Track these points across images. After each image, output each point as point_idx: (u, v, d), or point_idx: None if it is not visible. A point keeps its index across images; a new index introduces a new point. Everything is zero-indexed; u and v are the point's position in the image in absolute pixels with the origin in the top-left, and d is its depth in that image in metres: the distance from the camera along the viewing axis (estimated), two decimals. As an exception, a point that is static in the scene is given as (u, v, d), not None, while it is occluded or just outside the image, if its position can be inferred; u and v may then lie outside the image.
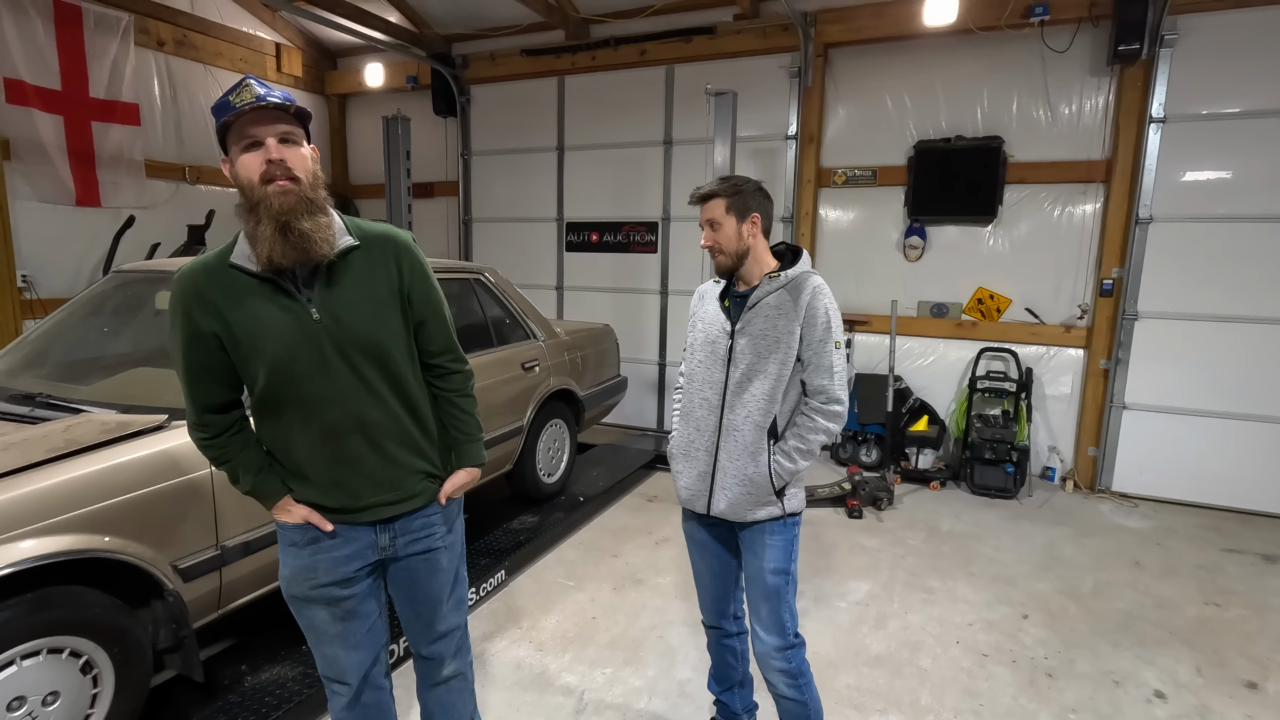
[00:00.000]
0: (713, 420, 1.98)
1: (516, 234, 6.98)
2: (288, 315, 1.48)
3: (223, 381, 1.55)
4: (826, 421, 1.90)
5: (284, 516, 1.63)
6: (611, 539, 4.08)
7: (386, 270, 1.58)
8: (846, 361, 1.93)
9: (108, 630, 1.95)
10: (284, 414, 1.55)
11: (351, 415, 1.56)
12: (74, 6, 5.27)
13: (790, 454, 1.91)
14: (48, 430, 2.07)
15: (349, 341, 1.52)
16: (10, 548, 1.78)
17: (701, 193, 1.99)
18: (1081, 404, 5.15)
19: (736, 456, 1.93)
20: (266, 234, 1.41)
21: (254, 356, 1.49)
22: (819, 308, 1.89)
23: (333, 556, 1.63)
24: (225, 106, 1.41)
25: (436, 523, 1.74)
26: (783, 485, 1.93)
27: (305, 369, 1.50)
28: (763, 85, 5.74)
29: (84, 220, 5.47)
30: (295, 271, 1.49)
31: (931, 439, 5.31)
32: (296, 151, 1.45)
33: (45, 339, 2.91)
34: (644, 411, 6.56)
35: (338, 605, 1.65)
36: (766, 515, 1.94)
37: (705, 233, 1.98)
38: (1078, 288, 5.11)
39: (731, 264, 1.96)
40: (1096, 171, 4.95)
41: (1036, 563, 3.87)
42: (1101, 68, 4.86)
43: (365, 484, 1.61)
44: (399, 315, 1.60)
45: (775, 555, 1.97)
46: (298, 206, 1.42)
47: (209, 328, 1.48)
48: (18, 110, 5.03)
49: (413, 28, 6.66)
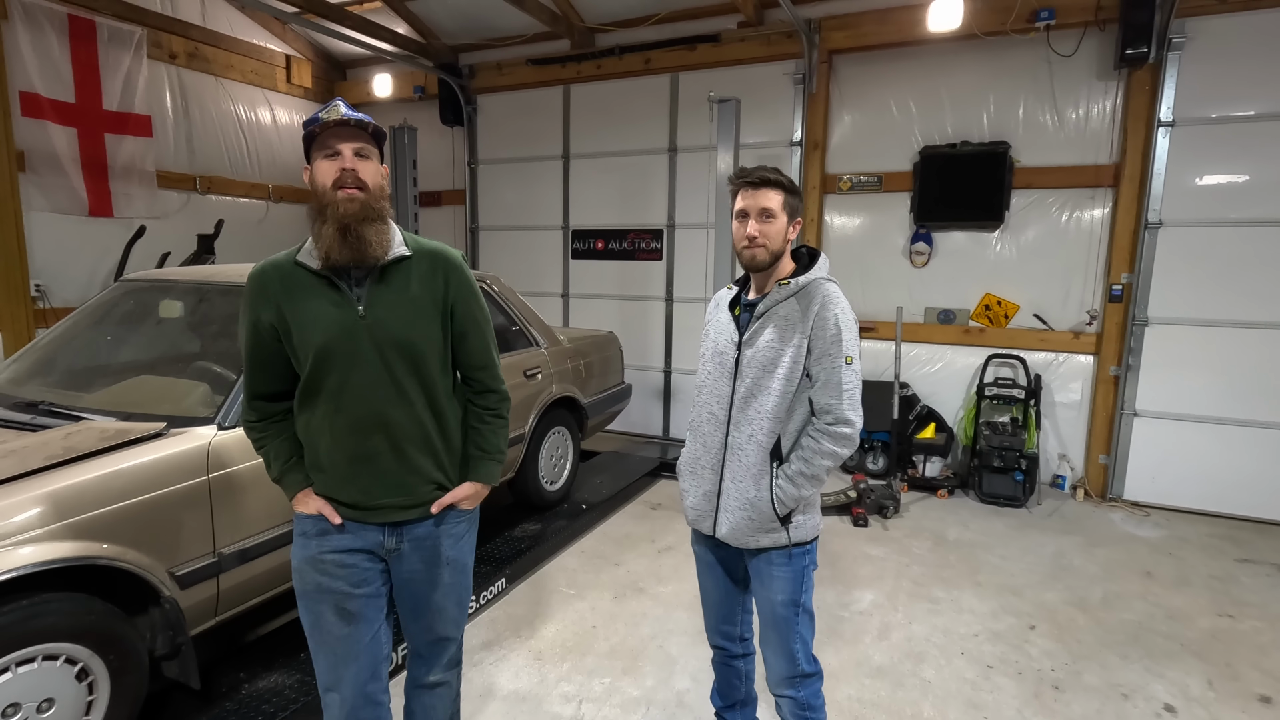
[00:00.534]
0: (719, 437, 1.88)
1: (522, 242, 7.01)
2: (337, 309, 1.61)
3: (274, 373, 1.70)
4: (834, 445, 1.76)
5: (301, 507, 1.72)
6: (614, 547, 4.06)
7: (433, 282, 1.69)
8: (860, 377, 1.81)
9: (104, 637, 1.95)
10: (319, 404, 1.65)
11: (376, 412, 1.64)
12: (88, 21, 5.37)
13: (793, 478, 1.78)
14: (47, 438, 2.09)
15: (387, 339, 1.63)
16: (8, 554, 1.79)
17: (763, 175, 1.81)
18: (1092, 411, 5.08)
19: (740, 478, 1.83)
20: (329, 234, 1.56)
21: (303, 345, 1.62)
22: (829, 318, 1.77)
23: (337, 550, 1.69)
24: (314, 120, 1.58)
25: (444, 534, 1.77)
26: (787, 512, 1.81)
27: (344, 360, 1.61)
28: (767, 92, 5.74)
29: (96, 230, 5.55)
30: (351, 272, 1.62)
31: (939, 447, 5.25)
32: (368, 165, 1.61)
33: (51, 347, 2.95)
34: (649, 419, 6.55)
35: (345, 606, 1.69)
36: (771, 543, 1.84)
37: (751, 223, 1.80)
38: (1087, 293, 5.05)
39: (769, 262, 1.82)
40: (1105, 176, 4.90)
41: (1044, 572, 3.81)
42: (1108, 71, 4.81)
43: (379, 483, 1.67)
44: (438, 325, 1.70)
45: (783, 587, 1.86)
46: (360, 213, 1.57)
47: (268, 320, 1.63)
48: (33, 123, 5.13)
49: (420, 39, 6.73)
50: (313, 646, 1.73)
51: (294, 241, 1.75)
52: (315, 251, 1.61)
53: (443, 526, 1.77)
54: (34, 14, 5.06)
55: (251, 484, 2.37)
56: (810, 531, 1.88)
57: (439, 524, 1.76)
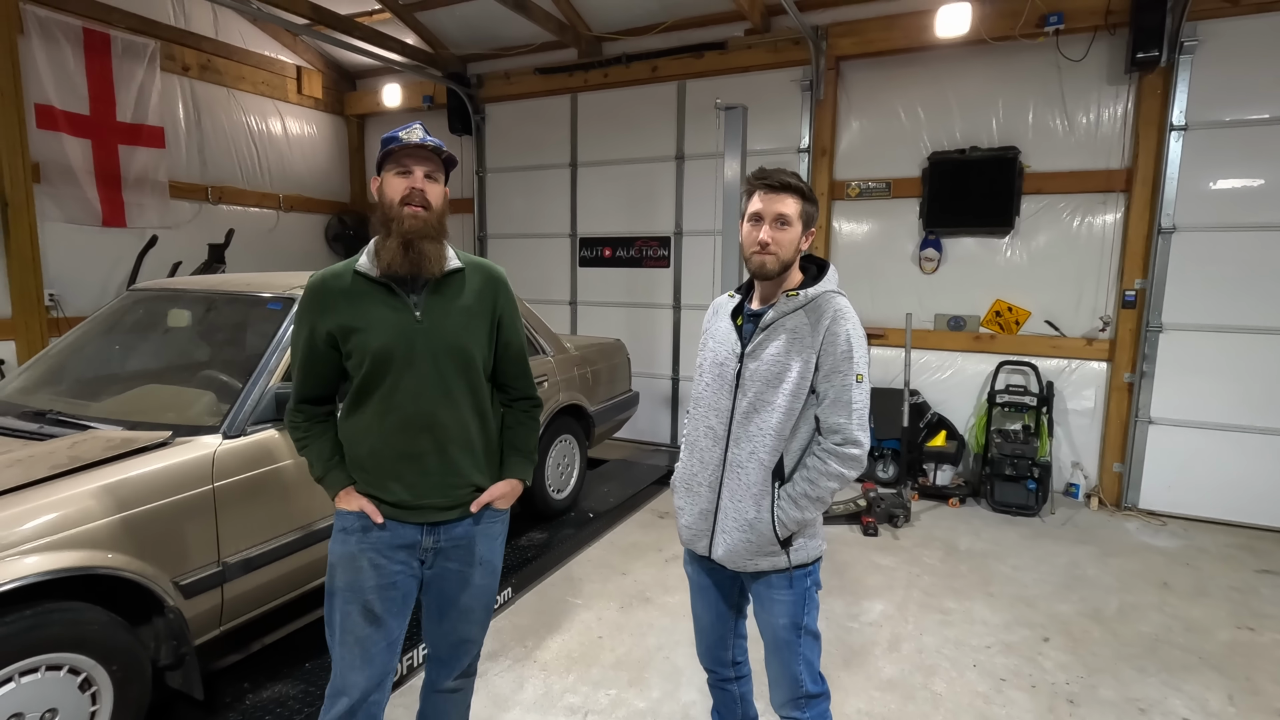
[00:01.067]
0: (717, 452, 1.81)
1: (531, 250, 7.02)
2: (394, 314, 1.72)
3: (323, 379, 1.80)
4: (841, 466, 1.69)
5: (344, 504, 1.78)
6: (621, 556, 4.03)
7: (484, 293, 1.82)
8: (869, 396, 1.74)
9: (107, 647, 1.95)
10: (370, 404, 1.74)
11: (426, 412, 1.73)
12: (103, 34, 5.45)
13: (797, 500, 1.71)
14: (53, 447, 2.10)
15: (440, 343, 1.73)
16: (13, 564, 1.80)
17: (783, 179, 1.73)
18: (1105, 418, 5.01)
19: (739, 497, 1.76)
20: (392, 247, 1.68)
21: (360, 348, 1.71)
22: (839, 334, 1.70)
23: (376, 548, 1.74)
24: (394, 139, 1.68)
25: (480, 534, 1.84)
26: (788, 535, 1.74)
27: (399, 362, 1.70)
28: (775, 99, 5.73)
29: (109, 240, 5.61)
30: (408, 281, 1.73)
31: (950, 455, 5.20)
32: (435, 188, 1.73)
33: (61, 356, 2.97)
34: (657, 426, 6.53)
35: (371, 607, 1.74)
36: (770, 566, 1.77)
37: (765, 229, 1.72)
38: (1099, 299, 4.99)
39: (777, 271, 1.76)
40: (1116, 181, 4.85)
41: (1058, 583, 3.75)
42: (1119, 76, 4.77)
43: (423, 482, 1.75)
44: (485, 334, 1.82)
45: (785, 610, 1.79)
46: (422, 230, 1.68)
47: (325, 326, 1.73)
48: (48, 135, 5.20)
49: (429, 49, 6.78)
50: (333, 645, 1.77)
51: (303, 250, 1.81)
52: (375, 261, 1.71)
53: (479, 526, 1.85)
54: (50, 28, 5.13)
55: (256, 493, 2.37)
56: (812, 553, 1.81)
57: (476, 523, 1.83)
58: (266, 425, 2.45)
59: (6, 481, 1.90)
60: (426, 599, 1.86)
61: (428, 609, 1.87)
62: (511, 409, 1.95)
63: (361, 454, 1.77)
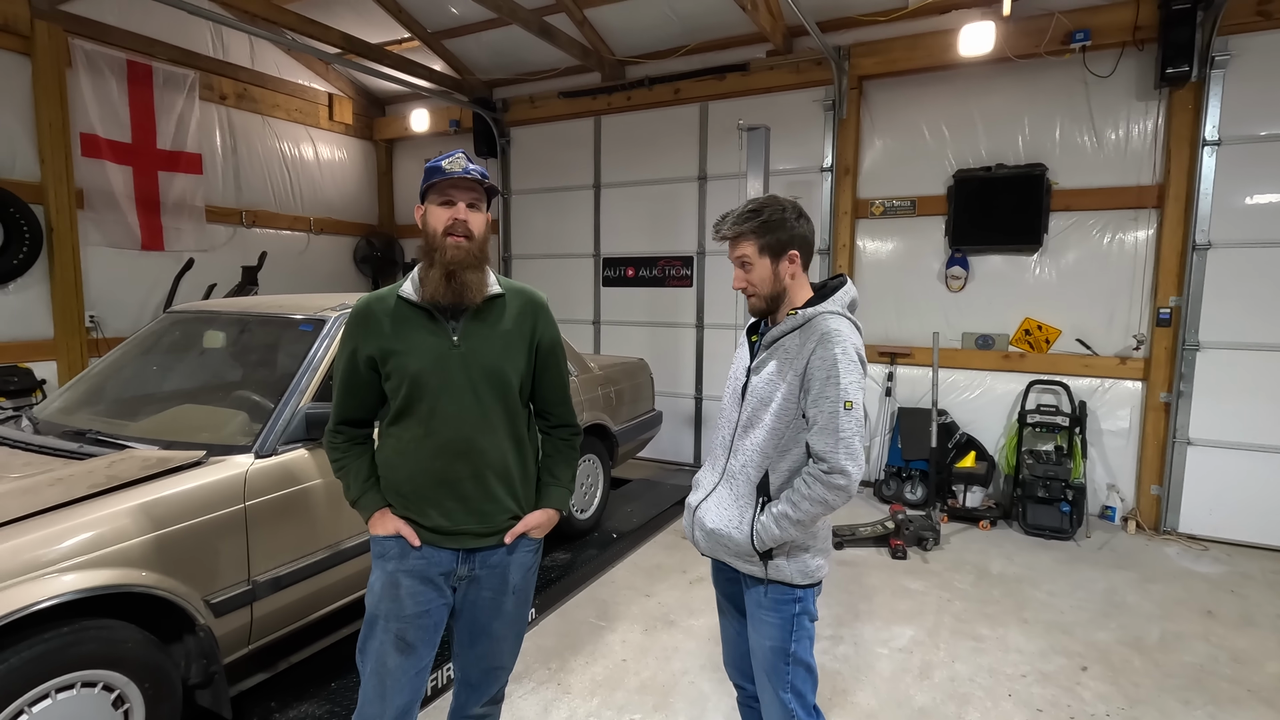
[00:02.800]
0: (723, 461, 1.86)
1: (554, 270, 7.08)
2: (434, 339, 1.73)
3: (363, 400, 1.82)
4: (826, 492, 1.64)
5: (379, 528, 1.78)
6: (644, 578, 4.00)
7: (524, 319, 1.83)
8: (862, 423, 1.68)
9: (140, 665, 1.98)
10: (409, 428, 1.75)
11: (464, 438, 1.73)
12: (145, 66, 5.66)
13: (776, 519, 1.69)
14: (92, 466, 2.15)
15: (478, 367, 1.73)
16: (53, 581, 1.84)
17: (725, 233, 1.79)
18: (1141, 439, 4.88)
19: (727, 505, 1.80)
20: (435, 277, 1.70)
21: (399, 371, 1.72)
22: (825, 357, 1.65)
23: (412, 573, 1.75)
24: (438, 170, 1.71)
25: (514, 563, 1.83)
26: (766, 549, 1.73)
27: (436, 387, 1.71)
28: (797, 119, 5.75)
29: (148, 263, 5.78)
30: (448, 306, 1.74)
31: (980, 476, 5.09)
32: (477, 216, 1.75)
33: (101, 376, 3.05)
34: (679, 446, 6.50)
35: (405, 636, 1.74)
36: (746, 570, 1.78)
37: (736, 272, 1.81)
38: (1132, 317, 4.89)
39: (766, 306, 1.80)
40: (1147, 197, 4.77)
41: (1096, 610, 3.63)
42: (1149, 91, 4.71)
43: (459, 508, 1.75)
44: (524, 358, 1.82)
45: (769, 632, 1.77)
46: (465, 260, 1.70)
47: (366, 350, 1.75)
48: (92, 163, 5.40)
49: (456, 75, 6.93)
50: (364, 669, 1.79)
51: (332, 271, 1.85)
52: (420, 289, 1.74)
53: (514, 555, 1.83)
54: (96, 60, 5.35)
55: (286, 512, 2.40)
56: (796, 577, 1.75)
57: (511, 552, 1.82)
58: (297, 445, 2.48)
59: (48, 500, 1.95)
60: (458, 625, 1.85)
61: (459, 635, 1.86)
62: (550, 436, 1.94)
63: (399, 479, 1.78)
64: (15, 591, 1.76)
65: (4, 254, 4.89)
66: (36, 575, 1.81)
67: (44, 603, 1.78)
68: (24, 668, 1.75)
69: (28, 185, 5.02)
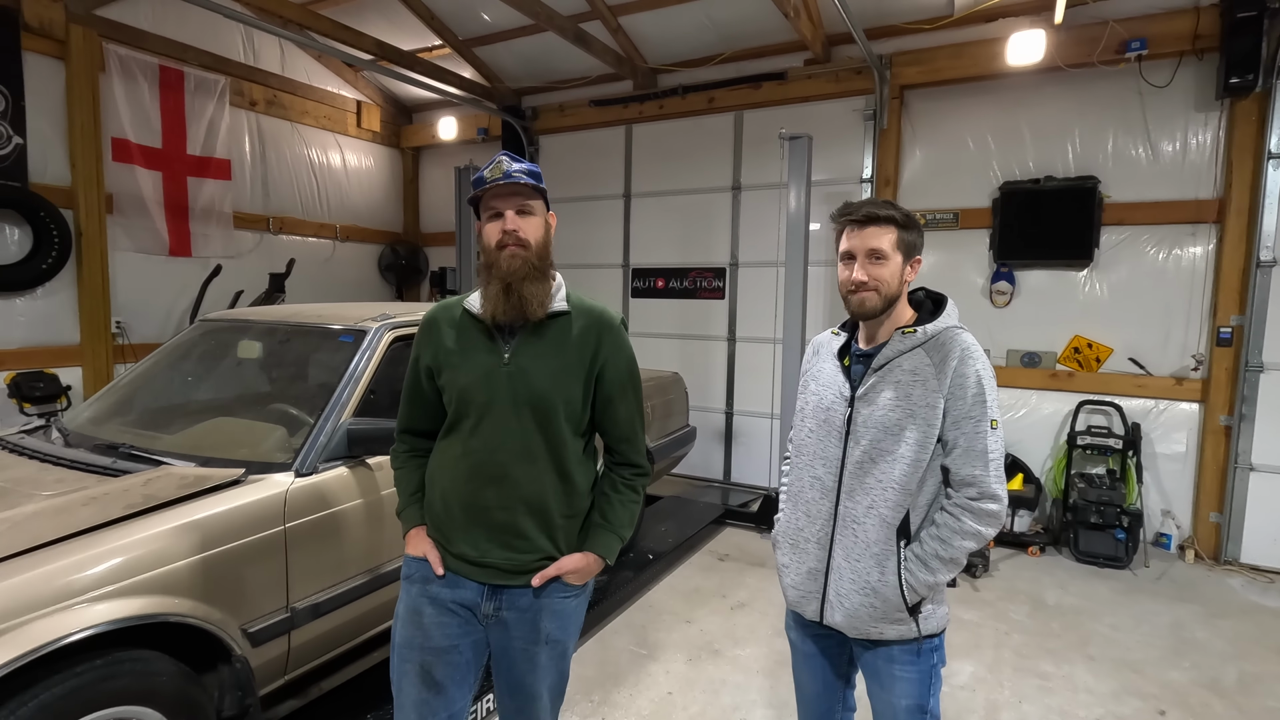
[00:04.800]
0: (826, 505, 1.65)
1: (582, 280, 6.96)
2: (486, 355, 1.64)
3: (423, 410, 1.75)
4: (978, 524, 1.50)
5: (410, 547, 1.70)
6: (683, 602, 3.84)
7: (586, 342, 1.66)
8: (1004, 443, 1.57)
9: (174, 699, 1.84)
10: (453, 445, 1.66)
11: (498, 463, 1.61)
12: (177, 71, 5.63)
13: (927, 562, 1.54)
14: (128, 484, 2.03)
15: (524, 391, 1.60)
16: (87, 610, 1.71)
17: (870, 211, 1.59)
18: (1199, 464, 4.67)
19: (856, 556, 1.59)
20: (493, 292, 1.60)
21: (450, 384, 1.65)
22: (969, 375, 1.53)
23: (437, 602, 1.64)
24: (480, 181, 1.60)
25: (544, 608, 1.65)
26: (917, 600, 1.56)
27: (480, 404, 1.61)
28: (835, 129, 5.62)
29: (175, 269, 5.72)
30: (510, 323, 1.63)
31: (1027, 499, 4.89)
32: (531, 221, 1.62)
33: (132, 386, 2.95)
34: (710, 461, 6.33)
35: (430, 671, 1.61)
36: (896, 635, 1.58)
37: (858, 267, 1.59)
38: (1190, 336, 4.69)
39: (881, 308, 1.61)
40: (1207, 211, 4.58)
41: (1165, 647, 3.43)
42: (1209, 102, 4.54)
43: (486, 539, 1.62)
44: (580, 386, 1.65)
45: (909, 690, 1.60)
46: (522, 270, 1.58)
47: (426, 361, 1.70)
48: (122, 168, 5.35)
49: (485, 82, 6.86)
50: (395, 703, 1.67)
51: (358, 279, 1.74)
52: (484, 305, 1.65)
53: (545, 599, 1.64)
54: (129, 65, 5.32)
55: (327, 534, 2.27)
56: (941, 622, 1.62)
57: (541, 595, 1.64)
58: (338, 463, 2.36)
59: (83, 521, 1.83)
60: (495, 672, 1.72)
61: (497, 683, 1.74)
62: (611, 474, 1.76)
63: (433, 496, 1.69)
64: (48, 622, 1.64)
65: (33, 258, 4.84)
66: (70, 604, 1.69)
67: (76, 635, 1.65)
68: (55, 705, 1.62)
69: (58, 189, 4.97)
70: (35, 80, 4.82)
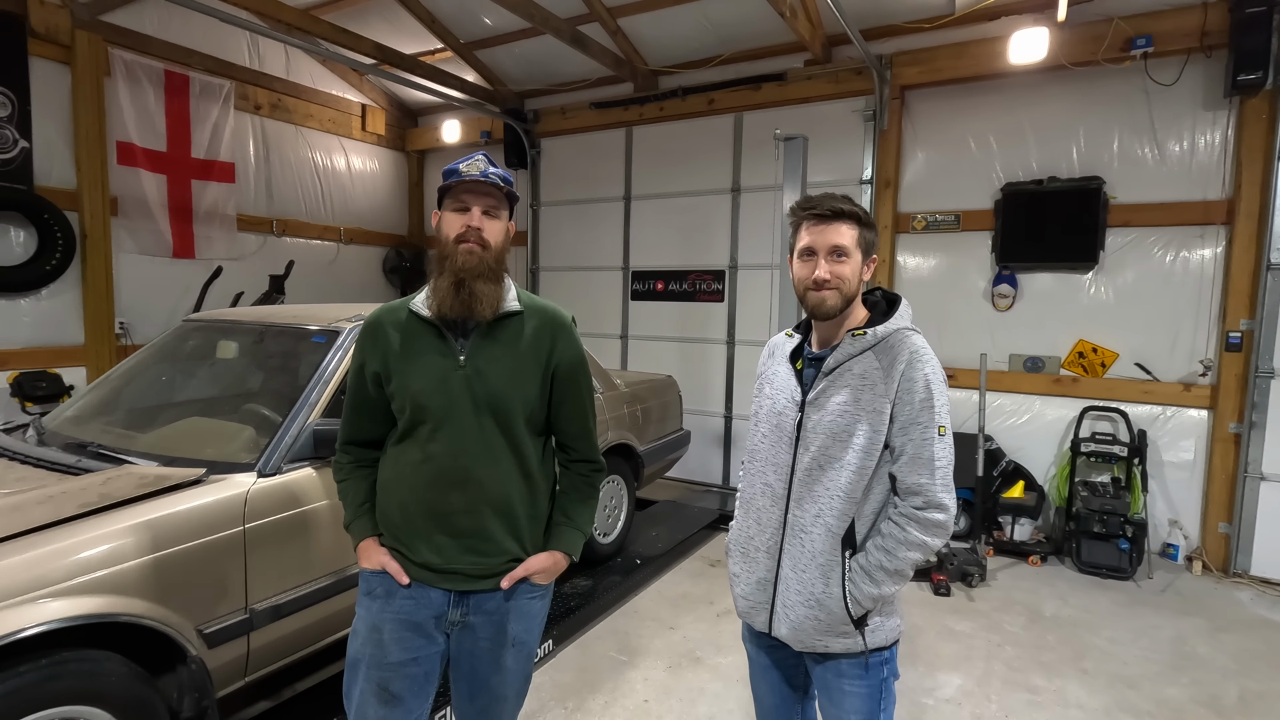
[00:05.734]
0: (776, 513, 1.60)
1: (582, 283, 6.95)
2: (439, 358, 1.60)
3: (371, 420, 1.70)
4: (923, 534, 1.45)
5: (364, 560, 1.65)
6: (669, 609, 3.79)
7: (540, 341, 1.65)
8: (953, 450, 1.52)
9: (125, 700, 1.84)
10: (408, 451, 1.62)
11: (461, 467, 1.58)
12: (182, 75, 5.70)
13: (871, 573, 1.48)
14: (86, 483, 2.04)
15: (483, 392, 1.58)
16: (33, 609, 1.71)
17: (834, 206, 1.54)
18: (1208, 473, 4.53)
19: (803, 567, 1.54)
20: (443, 286, 1.57)
21: (401, 390, 1.60)
22: (917, 379, 1.48)
23: (400, 618, 1.60)
24: (455, 172, 1.58)
25: (513, 610, 1.65)
26: (863, 613, 1.51)
27: (437, 409, 1.58)
28: (835, 129, 5.55)
29: (178, 271, 5.79)
30: (459, 323, 1.61)
31: (1029, 507, 4.77)
32: (495, 224, 1.61)
33: (115, 385, 2.97)
34: (708, 466, 6.27)
35: (388, 686, 1.58)
36: (842, 649, 1.54)
37: (821, 263, 1.53)
38: (1198, 341, 4.55)
39: (840, 308, 1.55)
40: (1215, 212, 4.45)
41: (1164, 661, 3.31)
42: (1217, 100, 4.41)
43: (452, 545, 1.60)
44: (537, 385, 1.65)
45: (859, 705, 1.55)
46: (477, 268, 1.56)
47: (372, 367, 1.65)
48: (126, 171, 5.43)
49: (488, 86, 6.88)
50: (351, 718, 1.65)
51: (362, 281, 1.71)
52: (430, 301, 1.61)
53: (513, 601, 1.64)
54: (134, 70, 5.39)
55: (289, 535, 2.26)
56: (889, 635, 1.56)
57: (509, 597, 1.64)
58: (303, 463, 2.35)
59: (34, 520, 1.83)
60: (455, 675, 1.69)
61: (456, 686, 1.70)
62: (568, 471, 1.76)
63: (391, 506, 1.64)
64: (-9, 620, 1.63)
65: (38, 260, 4.92)
66: (13, 602, 1.68)
67: (24, 632, 1.65)
68: (-5, 704, 1.61)
69: (63, 192, 5.05)
70: (41, 85, 4.91)
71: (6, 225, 4.83)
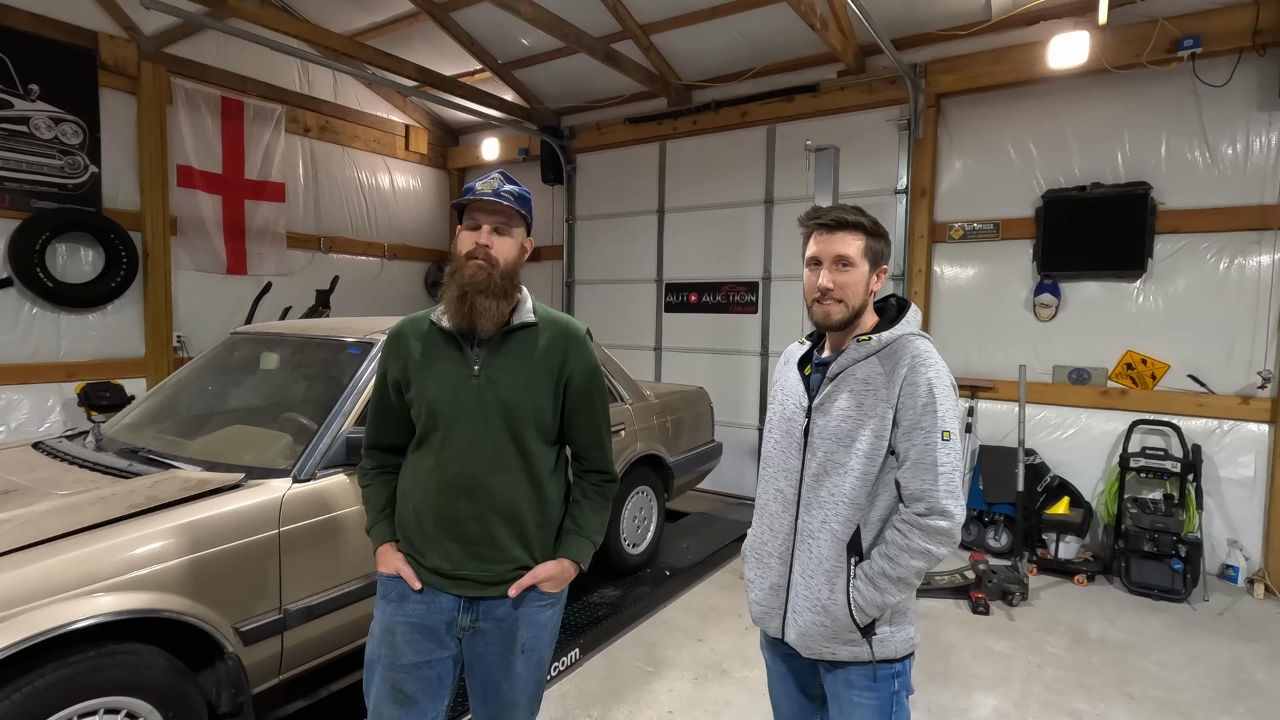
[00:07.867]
0: (787, 519, 1.61)
1: (616, 295, 7.02)
2: (455, 366, 1.66)
3: (394, 425, 1.75)
4: (927, 542, 1.44)
5: (381, 564, 1.71)
6: (698, 620, 3.77)
7: (553, 353, 1.69)
8: (960, 456, 1.49)
9: (166, 692, 1.94)
10: (423, 458, 1.67)
11: (471, 475, 1.62)
12: (238, 101, 6.01)
13: (874, 581, 1.47)
14: (135, 486, 2.16)
15: (495, 401, 1.63)
16: (85, 602, 1.82)
17: (838, 216, 1.55)
18: (1270, 490, 4.29)
19: (810, 573, 1.55)
20: (450, 298, 1.64)
21: (419, 397, 1.66)
22: (919, 383, 1.47)
23: (412, 621, 1.65)
24: (470, 190, 1.65)
25: (522, 617, 1.68)
26: (869, 621, 1.50)
27: (450, 417, 1.63)
28: (869, 139, 5.50)
29: (231, 286, 6.08)
30: (476, 334, 1.66)
31: (1075, 524, 4.60)
32: (504, 241, 1.65)
33: (169, 394, 3.14)
34: (741, 478, 6.23)
35: (402, 688, 1.63)
36: (850, 657, 1.52)
37: (825, 273, 1.54)
38: (1256, 352, 4.34)
39: (845, 319, 1.56)
40: (1272, 217, 4.25)
41: (1218, 689, 3.15)
42: (1272, 100, 4.23)
43: (460, 551, 1.64)
44: (549, 396, 1.69)
45: (866, 716, 1.53)
46: (483, 284, 1.61)
47: (394, 375, 1.72)
48: (185, 192, 5.74)
49: (525, 104, 7.05)
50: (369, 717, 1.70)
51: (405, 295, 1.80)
52: (444, 312, 1.68)
53: (522, 609, 1.67)
54: (194, 97, 5.72)
55: (321, 539, 2.35)
56: (900, 647, 1.54)
57: (519, 605, 1.67)
58: (336, 470, 2.44)
59: (87, 519, 1.95)
60: (470, 680, 1.73)
61: (471, 691, 1.74)
62: (580, 481, 1.79)
63: (405, 512, 1.70)
64: (45, 612, 1.75)
65: (104, 277, 5.24)
66: (67, 596, 1.80)
67: (76, 624, 1.76)
68: (47, 692, 1.73)
69: (128, 214, 5.37)
70: (110, 114, 5.24)
71: (77, 245, 5.15)
